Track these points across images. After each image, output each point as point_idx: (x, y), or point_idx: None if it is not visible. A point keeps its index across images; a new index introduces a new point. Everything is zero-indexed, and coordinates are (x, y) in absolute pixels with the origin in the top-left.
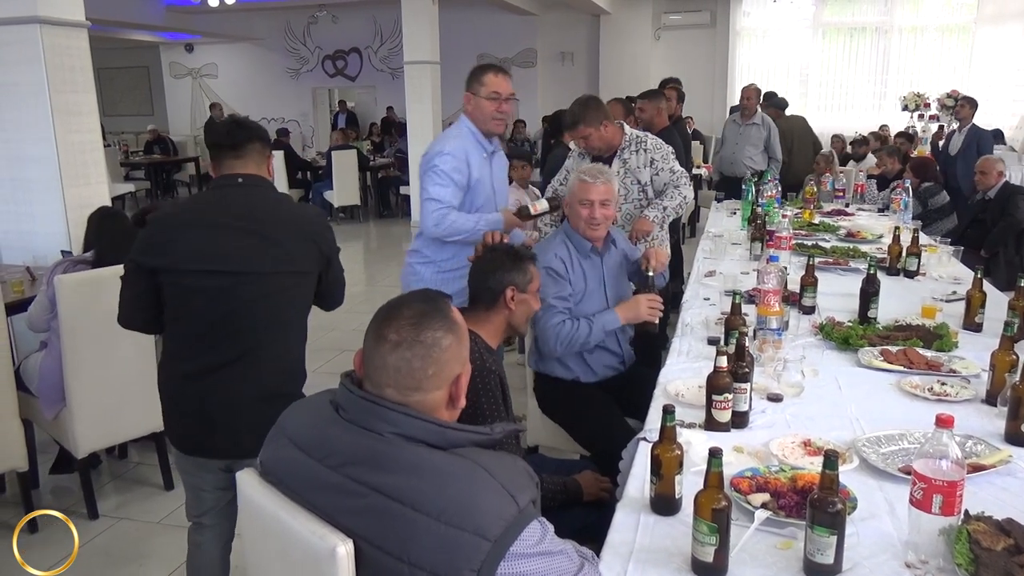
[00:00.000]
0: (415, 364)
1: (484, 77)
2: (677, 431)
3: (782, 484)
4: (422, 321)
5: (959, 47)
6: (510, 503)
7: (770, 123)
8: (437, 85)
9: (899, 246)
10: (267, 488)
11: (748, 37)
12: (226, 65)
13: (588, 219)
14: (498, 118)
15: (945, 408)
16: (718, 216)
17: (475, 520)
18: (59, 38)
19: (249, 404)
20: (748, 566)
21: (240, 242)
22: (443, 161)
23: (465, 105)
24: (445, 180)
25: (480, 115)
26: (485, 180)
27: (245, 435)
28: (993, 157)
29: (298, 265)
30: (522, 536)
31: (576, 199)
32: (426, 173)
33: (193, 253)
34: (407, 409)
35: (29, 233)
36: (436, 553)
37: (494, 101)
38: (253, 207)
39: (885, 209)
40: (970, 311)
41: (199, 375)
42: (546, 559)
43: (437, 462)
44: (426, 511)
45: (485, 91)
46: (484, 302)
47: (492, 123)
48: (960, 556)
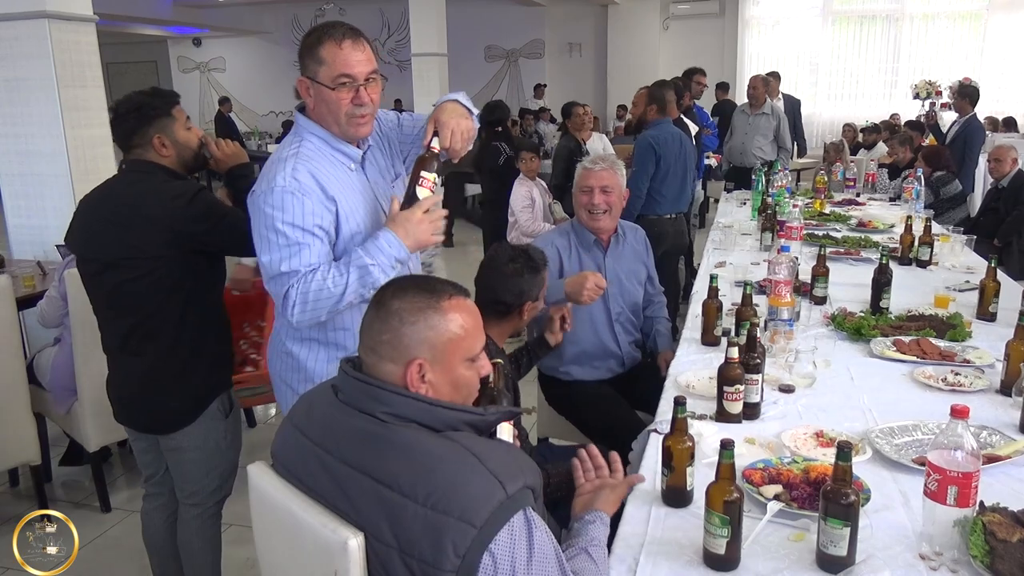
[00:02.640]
0: (375, 325)
1: (320, 50)
2: (688, 423)
3: (794, 476)
4: (404, 294)
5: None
6: (498, 489)
7: (780, 113)
8: (445, 77)
9: (911, 235)
10: (278, 481)
11: (757, 26)
12: (234, 59)
13: (587, 206)
14: (356, 115)
15: (959, 398)
16: (728, 206)
17: (461, 505)
18: (67, 33)
19: (136, 385)
20: (760, 558)
21: (102, 231)
22: (279, 211)
23: (304, 98)
24: (292, 240)
25: (326, 111)
26: (360, 207)
27: (136, 412)
28: (1006, 145)
29: (147, 252)
30: (511, 523)
31: (578, 187)
32: (259, 234)
33: (76, 241)
34: (400, 389)
35: (40, 228)
36: (422, 538)
37: (345, 89)
38: (119, 195)
39: (897, 198)
40: (984, 300)
41: (105, 352)
42: (531, 549)
43: (428, 447)
44: (413, 496)
45: (327, 72)
46: (496, 313)
47: (348, 123)
48: (975, 548)
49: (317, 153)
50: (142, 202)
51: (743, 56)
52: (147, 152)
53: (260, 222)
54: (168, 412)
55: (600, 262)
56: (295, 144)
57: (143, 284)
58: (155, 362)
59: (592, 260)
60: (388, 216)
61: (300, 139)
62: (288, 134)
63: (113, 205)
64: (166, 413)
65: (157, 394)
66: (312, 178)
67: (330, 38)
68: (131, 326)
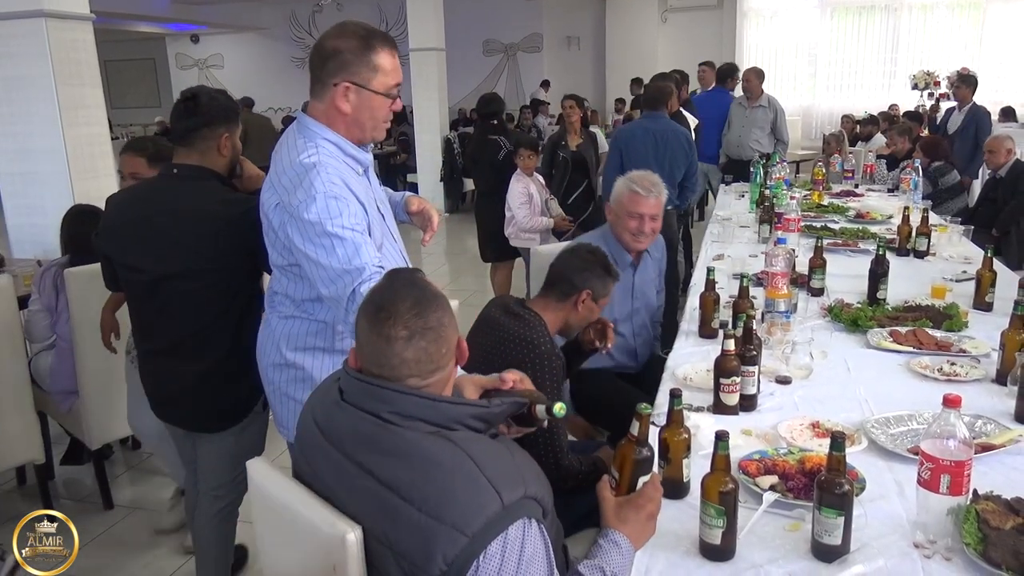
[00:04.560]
0: (431, 350)
1: (376, 58)
2: (685, 415)
3: (790, 466)
4: (423, 310)
5: (969, 24)
6: (493, 499)
7: (777, 105)
8: (443, 72)
9: (909, 226)
10: (278, 477)
11: (756, 18)
12: (232, 55)
13: (636, 231)
14: (389, 120)
15: (955, 388)
16: (726, 199)
17: (453, 513)
18: (64, 31)
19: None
20: (756, 548)
21: (160, 242)
22: (328, 216)
23: (337, 101)
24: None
25: (366, 117)
26: (374, 210)
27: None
28: (1001, 135)
29: (216, 263)
30: (506, 534)
31: (625, 210)
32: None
33: (119, 248)
34: (400, 387)
35: (40, 226)
36: (415, 542)
37: (390, 98)
38: (174, 202)
39: (895, 189)
40: (980, 291)
41: (143, 353)
42: (521, 562)
43: (428, 452)
44: (410, 500)
45: (382, 81)
46: (558, 292)
47: (377, 129)
48: (968, 535)
49: (334, 160)
50: (210, 211)
51: (741, 48)
52: (205, 153)
53: (308, 231)
54: (217, 413)
55: (630, 281)
56: (311, 150)
57: (205, 295)
58: (211, 366)
59: (624, 277)
60: None
61: (315, 144)
62: (291, 134)
63: (172, 214)
64: (216, 414)
65: (209, 396)
66: (344, 185)
67: (385, 47)
68: (187, 333)
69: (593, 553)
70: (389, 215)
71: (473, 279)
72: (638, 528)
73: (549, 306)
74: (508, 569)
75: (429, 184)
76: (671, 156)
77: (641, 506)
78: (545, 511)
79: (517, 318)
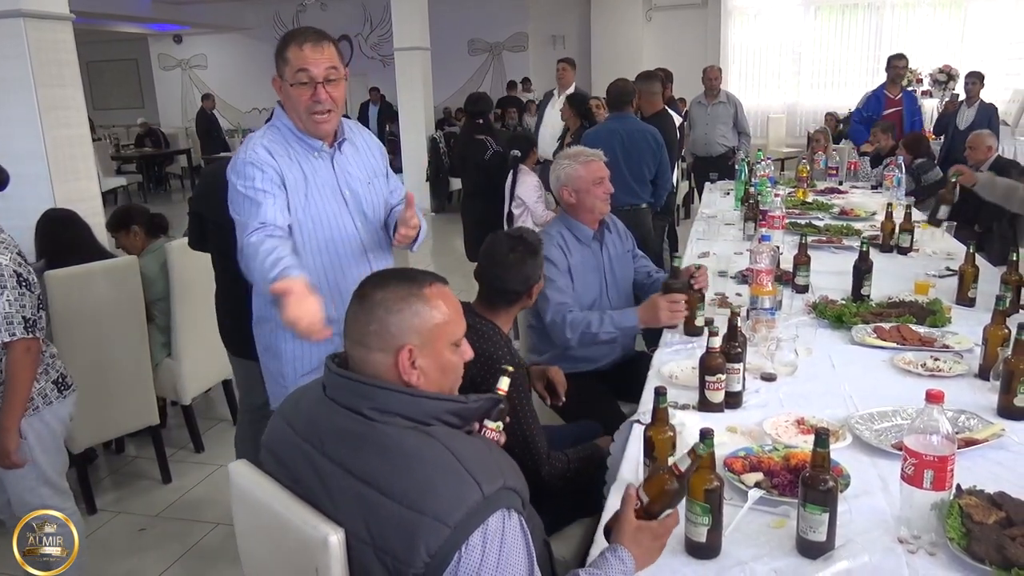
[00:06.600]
0: (360, 317)
1: (286, 51)
2: (670, 413)
3: (775, 463)
4: (386, 284)
5: (951, 22)
6: (473, 489)
7: (735, 100)
8: (428, 72)
9: (892, 223)
10: (260, 479)
11: (740, 16)
12: (215, 56)
13: (604, 195)
14: (316, 111)
15: (938, 383)
16: (711, 197)
17: (435, 504)
18: (44, 32)
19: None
20: (742, 545)
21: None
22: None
23: (279, 93)
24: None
25: (291, 107)
26: (320, 185)
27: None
28: (983, 132)
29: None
30: (486, 524)
31: (590, 181)
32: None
33: (214, 207)
34: (381, 382)
35: (21, 229)
36: (397, 536)
37: (304, 87)
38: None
39: (878, 186)
40: (963, 286)
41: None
42: (500, 554)
43: (407, 445)
44: (390, 494)
45: (289, 71)
46: (506, 301)
47: (309, 120)
48: (952, 530)
49: (281, 138)
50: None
51: (726, 46)
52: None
53: (230, 190)
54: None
55: (599, 254)
56: (264, 129)
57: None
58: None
59: (592, 255)
60: None
61: (273, 126)
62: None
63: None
64: None
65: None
66: (268, 154)
67: (294, 41)
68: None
69: (598, 564)
70: (356, 198)
71: (461, 278)
72: (647, 555)
73: (500, 311)
74: (489, 559)
75: (415, 183)
76: (639, 155)
77: (659, 535)
78: (524, 502)
79: (473, 331)
